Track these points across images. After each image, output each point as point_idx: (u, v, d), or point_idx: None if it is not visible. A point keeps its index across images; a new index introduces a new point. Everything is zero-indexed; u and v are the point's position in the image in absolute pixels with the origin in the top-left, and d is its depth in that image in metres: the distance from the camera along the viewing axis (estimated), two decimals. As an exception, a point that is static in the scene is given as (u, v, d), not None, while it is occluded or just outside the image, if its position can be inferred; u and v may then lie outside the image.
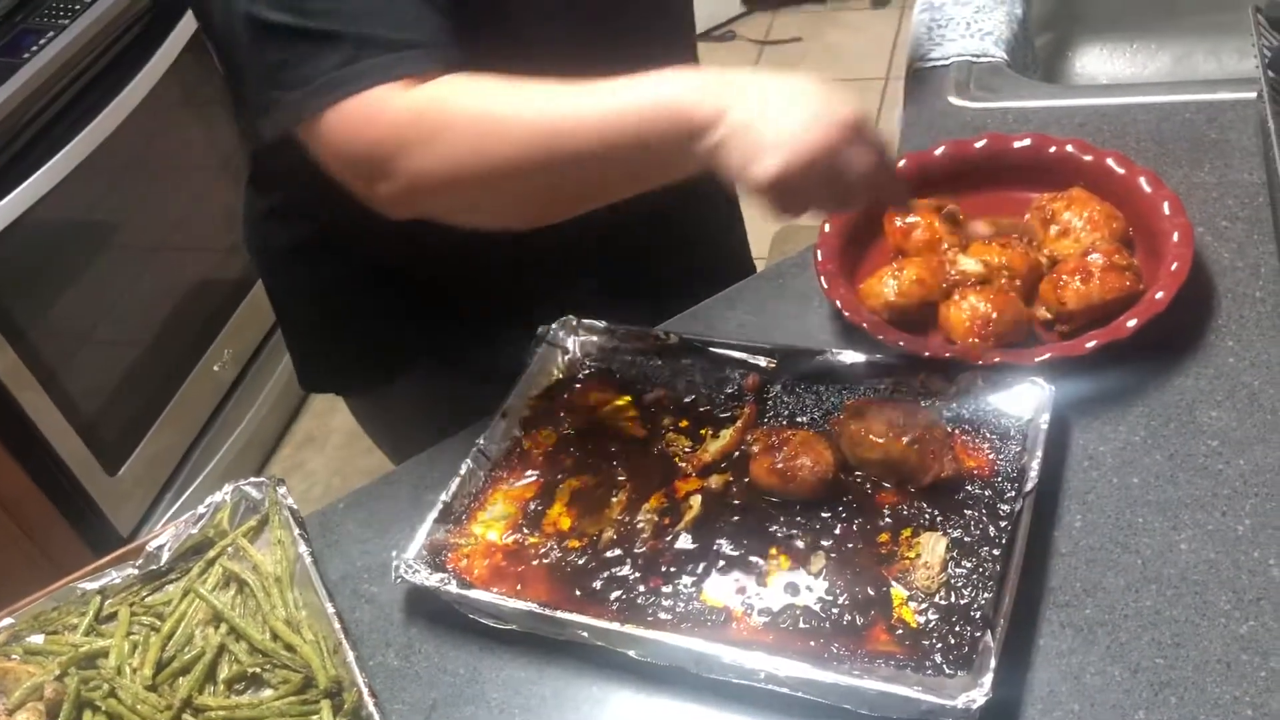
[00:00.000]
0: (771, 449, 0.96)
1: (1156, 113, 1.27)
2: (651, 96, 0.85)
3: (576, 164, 0.88)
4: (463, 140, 0.88)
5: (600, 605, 0.91)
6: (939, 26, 1.47)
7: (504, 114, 0.88)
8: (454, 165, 0.89)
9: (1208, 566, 0.87)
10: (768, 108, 0.82)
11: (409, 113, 0.88)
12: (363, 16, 0.90)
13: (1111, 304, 1.01)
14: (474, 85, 0.90)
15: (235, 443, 2.49)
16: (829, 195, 0.86)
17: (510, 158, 0.88)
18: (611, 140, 0.86)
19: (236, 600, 0.98)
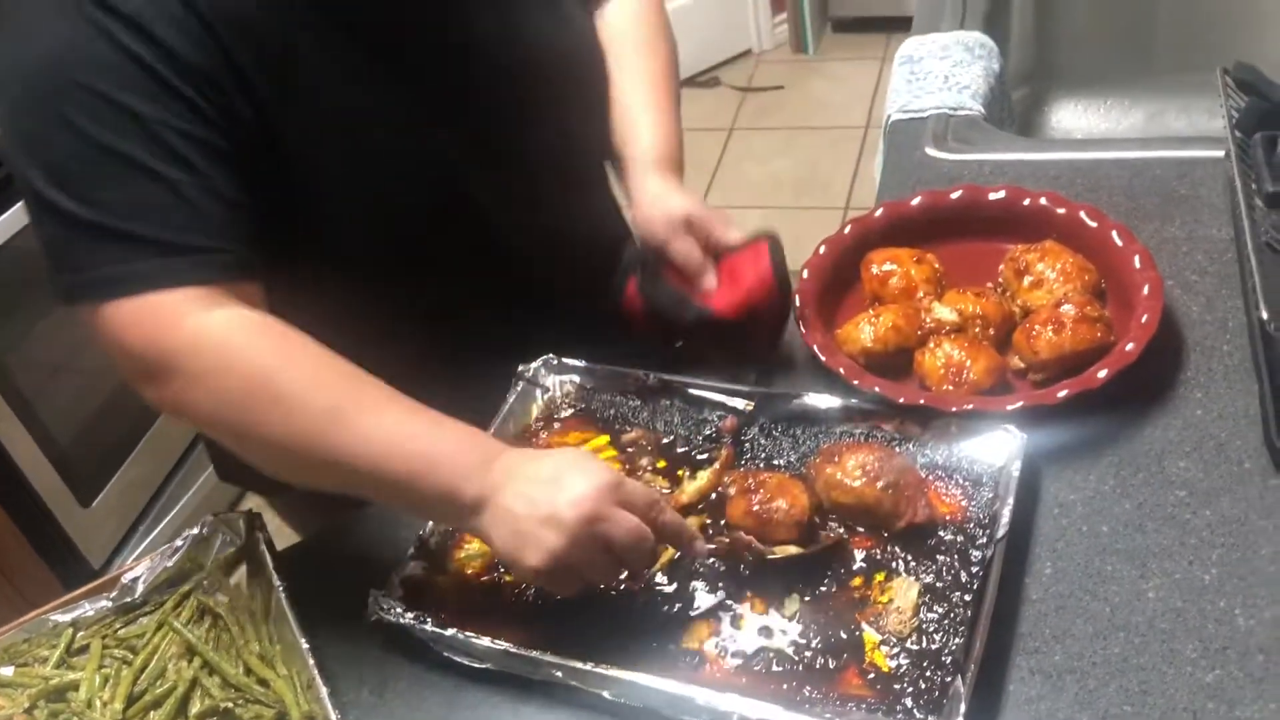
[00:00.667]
0: (748, 491, 0.97)
1: (1129, 168, 1.30)
2: (435, 448, 0.87)
3: (338, 470, 0.87)
4: (233, 394, 0.86)
5: (575, 646, 0.91)
6: (917, 79, 1.50)
7: (291, 389, 0.86)
8: (216, 413, 0.88)
9: (1175, 615, 0.88)
10: (535, 489, 0.84)
11: (189, 341, 0.86)
12: (145, 214, 0.86)
13: (1083, 354, 1.03)
14: (271, 341, 0.88)
15: (210, 478, 2.48)
16: (597, 569, 0.86)
17: (274, 432, 0.87)
18: (386, 470, 0.86)
19: (210, 634, 0.98)
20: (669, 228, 1.07)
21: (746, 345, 1.11)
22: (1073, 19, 1.72)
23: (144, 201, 0.86)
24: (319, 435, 0.86)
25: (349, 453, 0.86)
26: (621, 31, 1.19)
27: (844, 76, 3.76)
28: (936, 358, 1.04)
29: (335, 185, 0.97)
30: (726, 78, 3.86)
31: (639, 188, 1.11)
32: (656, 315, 1.08)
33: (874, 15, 3.80)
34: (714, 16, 3.80)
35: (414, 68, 1.00)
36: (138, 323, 0.86)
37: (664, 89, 1.18)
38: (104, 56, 0.85)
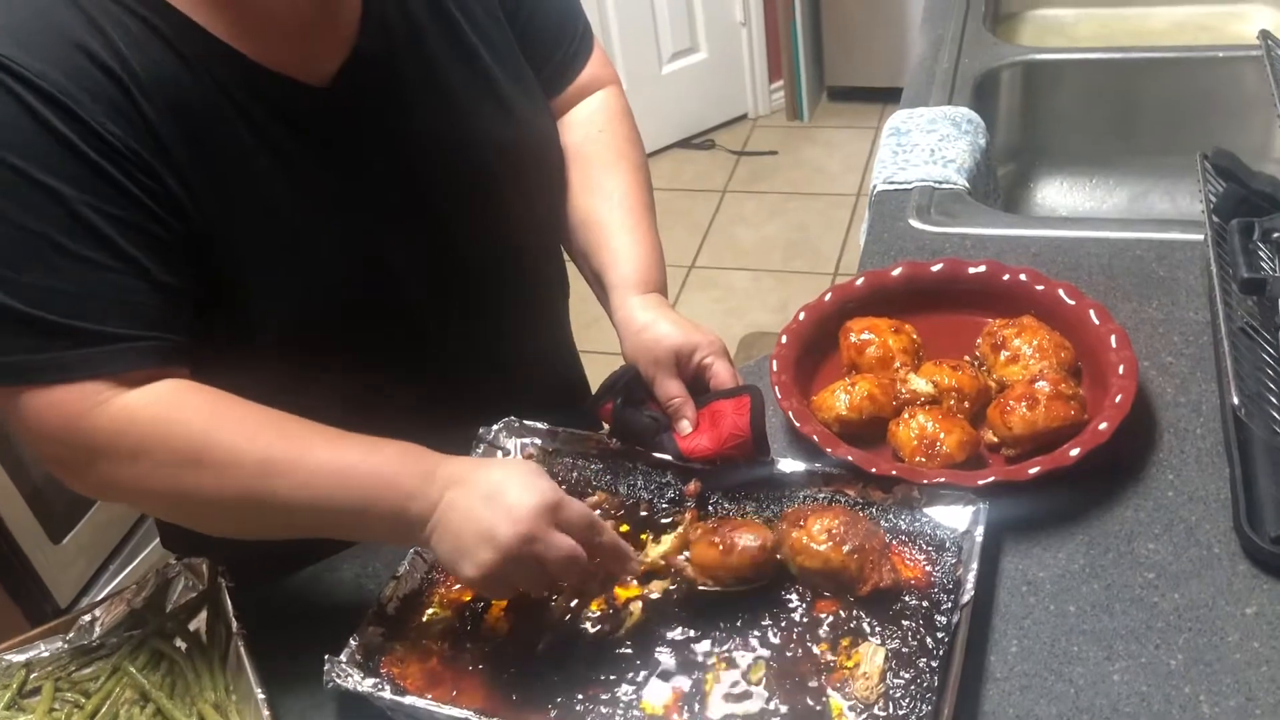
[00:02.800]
0: (712, 530, 0.97)
1: (1109, 247, 1.31)
2: (375, 472, 0.87)
3: (287, 511, 0.87)
4: (166, 464, 0.85)
5: (538, 713, 0.90)
6: (904, 151, 1.52)
7: (222, 447, 0.86)
8: (149, 486, 0.87)
9: (1139, 699, 0.87)
10: (473, 504, 0.86)
11: (111, 426, 0.85)
12: (63, 301, 0.83)
13: (1056, 431, 1.03)
14: (198, 403, 0.87)
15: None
16: (531, 582, 0.88)
17: (214, 492, 0.86)
18: (327, 502, 0.87)
19: (166, 680, 0.96)
20: (656, 365, 1.05)
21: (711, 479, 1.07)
22: (1060, 99, 1.74)
23: (62, 288, 0.83)
24: (256, 489, 0.86)
25: (289, 500, 0.87)
26: (591, 146, 1.17)
27: (838, 144, 3.81)
28: (910, 429, 1.04)
29: (262, 272, 0.94)
30: (721, 140, 3.90)
31: (626, 317, 1.07)
32: (627, 436, 1.08)
33: (869, 86, 3.85)
34: (711, 80, 3.85)
35: (351, 161, 0.97)
36: (55, 411, 0.85)
37: (640, 206, 1.15)
38: (27, 134, 0.82)
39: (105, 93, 0.84)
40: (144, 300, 0.86)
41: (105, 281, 0.85)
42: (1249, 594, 0.93)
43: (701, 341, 1.07)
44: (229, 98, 0.90)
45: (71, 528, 2.20)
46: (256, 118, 0.92)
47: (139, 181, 0.85)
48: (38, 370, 0.84)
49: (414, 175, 1.01)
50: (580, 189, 1.16)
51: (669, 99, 3.75)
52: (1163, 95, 1.74)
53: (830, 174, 3.66)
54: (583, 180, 1.16)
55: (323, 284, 0.97)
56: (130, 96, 0.85)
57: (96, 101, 0.84)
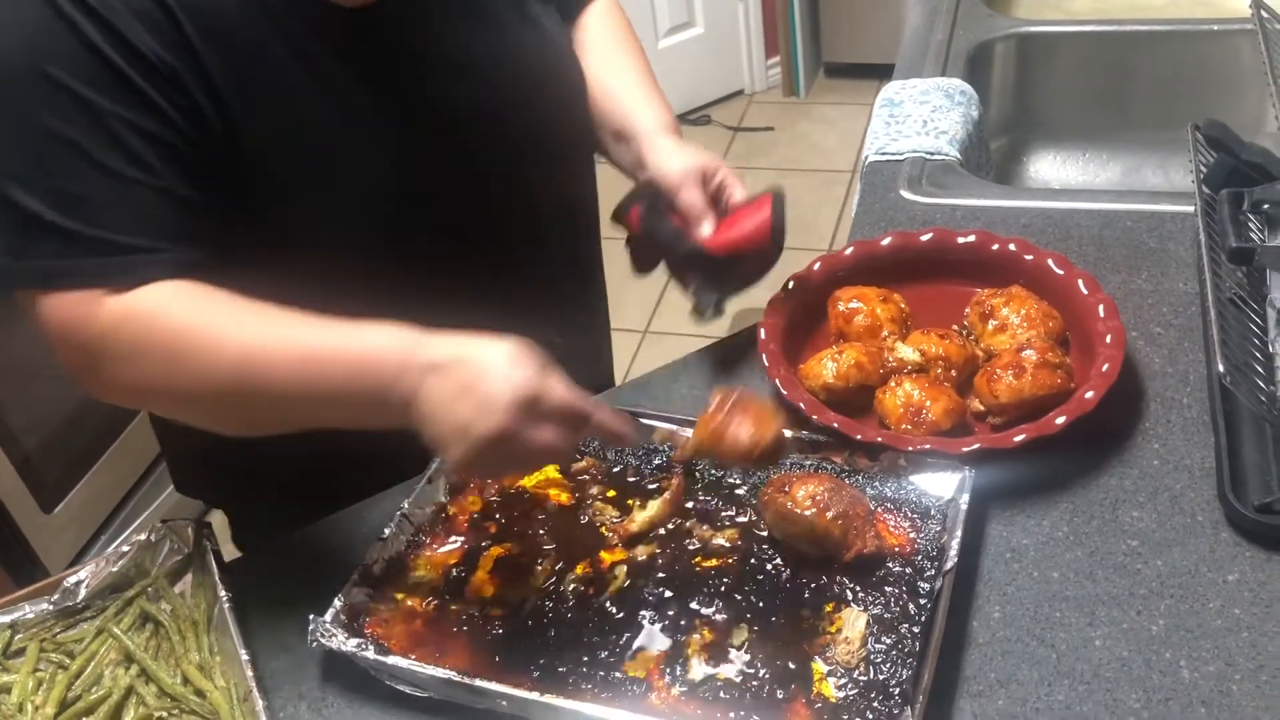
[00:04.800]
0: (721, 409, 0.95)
1: (1100, 219, 1.31)
2: (356, 357, 0.87)
3: (272, 399, 0.88)
4: (158, 360, 0.88)
5: (520, 675, 0.90)
6: (897, 122, 1.51)
7: (205, 339, 0.87)
8: (148, 383, 0.89)
9: (1120, 664, 0.87)
10: (453, 392, 0.83)
11: (109, 324, 0.87)
12: (90, 209, 0.86)
13: (1042, 400, 1.03)
14: (186, 301, 0.88)
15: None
16: (514, 465, 0.91)
17: (203, 383, 0.88)
18: (311, 388, 0.87)
19: (151, 642, 0.96)
20: (682, 176, 1.10)
21: (726, 281, 1.13)
22: (1054, 71, 1.73)
23: (88, 196, 0.86)
24: (241, 379, 0.87)
25: (273, 388, 0.87)
26: (602, 35, 1.24)
27: (833, 120, 3.79)
28: (897, 397, 1.04)
29: (300, 190, 0.96)
30: (718, 116, 3.89)
31: (653, 149, 1.13)
32: (652, 243, 1.12)
33: (865, 62, 3.83)
34: (708, 56, 3.83)
35: (389, 80, 0.99)
36: (72, 317, 0.88)
37: (651, 80, 1.22)
38: (69, 48, 0.85)
39: (146, 9, 0.86)
40: (167, 214, 0.89)
41: (130, 194, 0.87)
42: (1231, 561, 0.93)
43: (722, 165, 1.14)
44: (270, 18, 0.92)
45: (63, 497, 2.20)
46: (297, 38, 0.93)
47: (173, 99, 0.88)
48: (57, 276, 0.87)
49: (451, 95, 1.03)
50: (595, 66, 1.19)
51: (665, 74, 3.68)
52: (1157, 68, 1.73)
53: (826, 150, 3.65)
54: (597, 60, 1.20)
55: (360, 201, 1.00)
56: (170, 14, 0.87)
57: (137, 17, 0.86)
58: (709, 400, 0.95)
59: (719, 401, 0.95)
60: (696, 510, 1.03)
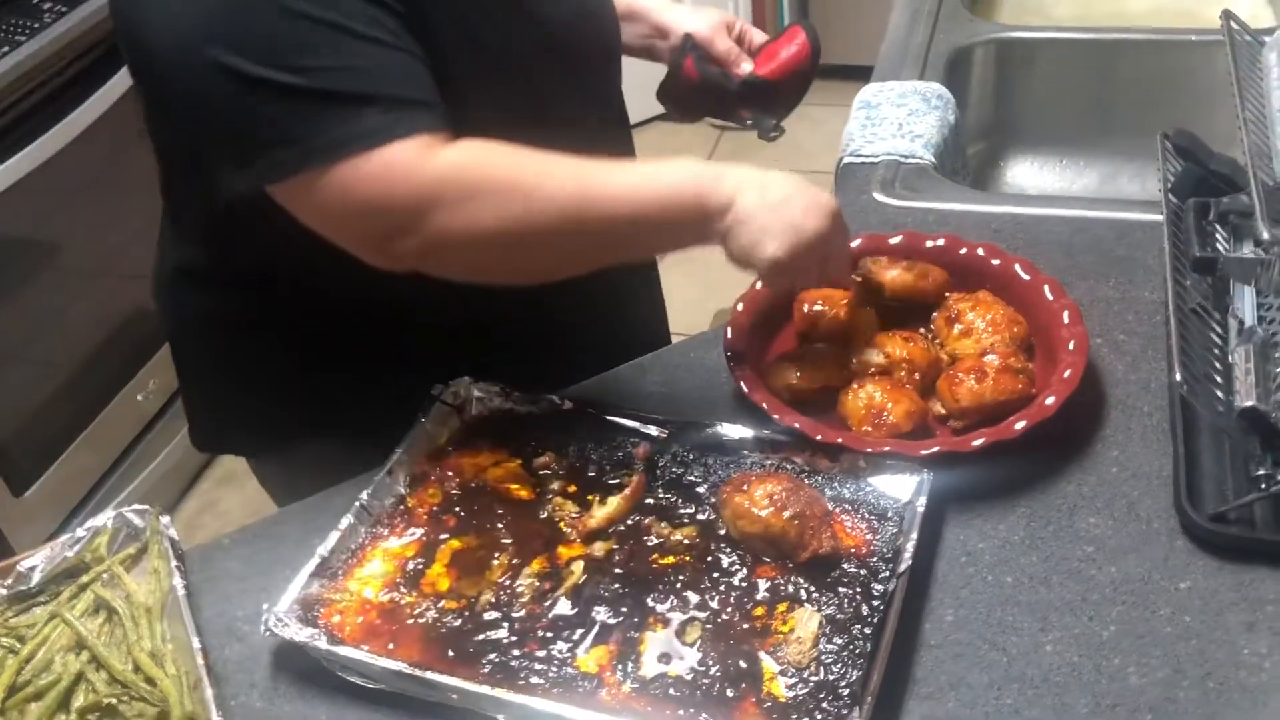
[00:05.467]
0: None
1: (1070, 225, 1.31)
2: (673, 179, 0.97)
3: (604, 231, 0.97)
4: (500, 201, 0.93)
5: (472, 668, 0.90)
6: (873, 124, 1.51)
7: (538, 179, 0.94)
8: (487, 225, 0.93)
9: (1070, 669, 0.88)
10: (769, 199, 0.96)
11: (447, 170, 0.92)
12: (364, 74, 0.90)
13: (1003, 404, 1.03)
14: (503, 149, 0.95)
15: (151, 474, 2.45)
16: (818, 274, 1.04)
17: (545, 221, 0.94)
18: (638, 212, 0.96)
19: (104, 628, 0.96)
20: (713, 29, 1.26)
21: (778, 104, 1.28)
22: (1032, 78, 1.74)
23: (359, 64, 0.90)
24: (576, 205, 0.94)
25: (604, 211, 0.95)
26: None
27: (821, 121, 3.77)
28: (859, 398, 1.04)
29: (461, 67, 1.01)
30: (706, 115, 3.88)
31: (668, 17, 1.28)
32: (707, 86, 1.26)
33: (855, 64, 3.81)
34: (697, 53, 3.83)
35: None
36: (380, 175, 0.90)
37: None
38: None
39: None
40: (422, 72, 0.95)
41: (391, 57, 0.92)
42: (1184, 569, 0.93)
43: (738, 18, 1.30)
44: None
45: (34, 481, 2.19)
46: None
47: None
48: (357, 139, 0.89)
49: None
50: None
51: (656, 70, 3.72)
52: (1135, 77, 1.74)
53: (809, 152, 3.64)
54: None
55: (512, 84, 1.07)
56: None
57: None
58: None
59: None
60: (656, 507, 1.02)
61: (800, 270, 1.01)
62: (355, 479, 1.07)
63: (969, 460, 1.00)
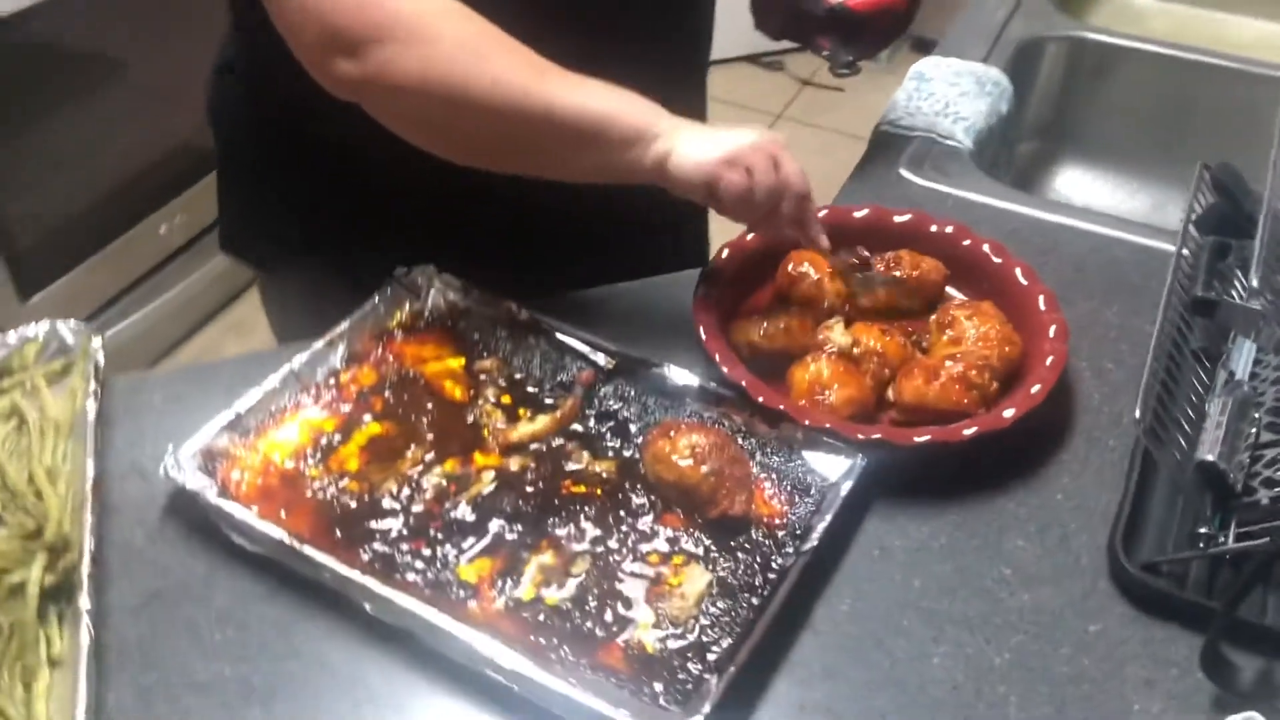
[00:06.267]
0: None
1: (1089, 241, 1.25)
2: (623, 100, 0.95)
3: (544, 123, 0.93)
4: (450, 56, 0.92)
5: (353, 552, 0.88)
6: (920, 97, 1.45)
7: (496, 51, 0.93)
8: (429, 77, 0.92)
9: (950, 687, 0.84)
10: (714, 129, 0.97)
11: (407, 14, 0.91)
12: None
13: (945, 413, 0.98)
14: (473, 17, 0.93)
15: (159, 309, 2.47)
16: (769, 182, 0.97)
17: (489, 94, 0.92)
18: (581, 118, 0.94)
19: (11, 436, 0.96)
20: None
21: (861, 41, 1.22)
22: (1104, 85, 1.65)
23: None
24: (530, 86, 0.93)
25: (555, 103, 0.93)
26: None
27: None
28: (807, 371, 1.00)
29: None
30: (792, 66, 3.79)
31: None
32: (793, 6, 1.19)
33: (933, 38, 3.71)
34: (796, 1, 3.73)
35: None
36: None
37: None
38: None
39: None
40: None
41: None
42: (1098, 612, 0.89)
43: None
44: None
45: (41, 289, 2.21)
46: None
47: None
48: None
49: None
50: None
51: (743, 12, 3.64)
52: (1216, 107, 1.64)
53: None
54: None
55: None
56: None
57: None
58: None
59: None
60: (583, 435, 1.00)
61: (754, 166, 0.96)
62: (292, 344, 1.05)
63: (911, 457, 0.96)
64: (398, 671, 0.84)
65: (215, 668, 0.84)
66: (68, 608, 0.82)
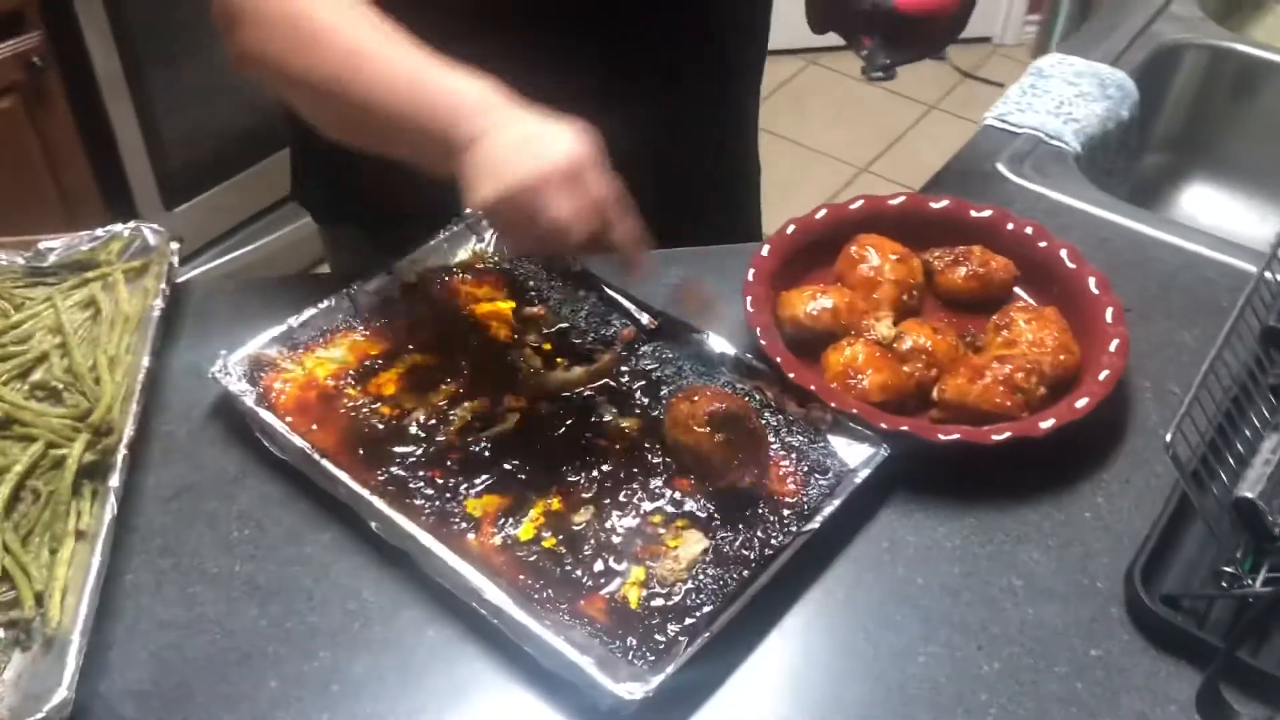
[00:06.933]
0: None
1: (1181, 258, 1.19)
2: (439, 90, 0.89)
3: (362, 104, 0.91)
4: (281, 38, 0.92)
5: (370, 472, 0.92)
6: (1034, 94, 1.40)
7: (322, 31, 0.91)
8: (270, 58, 0.93)
9: (931, 688, 0.83)
10: (508, 143, 0.87)
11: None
12: None
13: (985, 415, 0.96)
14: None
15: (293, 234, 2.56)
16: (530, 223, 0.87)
17: (314, 74, 0.92)
18: (396, 101, 0.90)
19: (85, 324, 1.02)
20: None
21: (904, 45, 1.12)
22: (1246, 102, 1.55)
23: None
24: (341, 75, 0.91)
25: (364, 93, 0.91)
26: None
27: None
28: (842, 354, 0.99)
29: None
30: (954, 56, 3.68)
31: None
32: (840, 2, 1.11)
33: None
34: (965, -9, 3.61)
35: None
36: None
37: None
38: None
39: None
40: None
41: None
42: (1103, 637, 0.86)
43: None
44: None
45: (185, 201, 2.34)
46: None
47: None
48: None
49: None
50: None
51: None
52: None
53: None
54: None
55: None
56: None
57: None
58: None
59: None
60: (614, 390, 1.01)
61: (515, 222, 0.89)
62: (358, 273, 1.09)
63: (938, 455, 0.94)
64: (391, 589, 0.87)
65: (226, 562, 0.89)
66: (101, 486, 0.88)
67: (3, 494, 0.86)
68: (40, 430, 0.91)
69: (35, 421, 0.92)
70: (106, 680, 0.81)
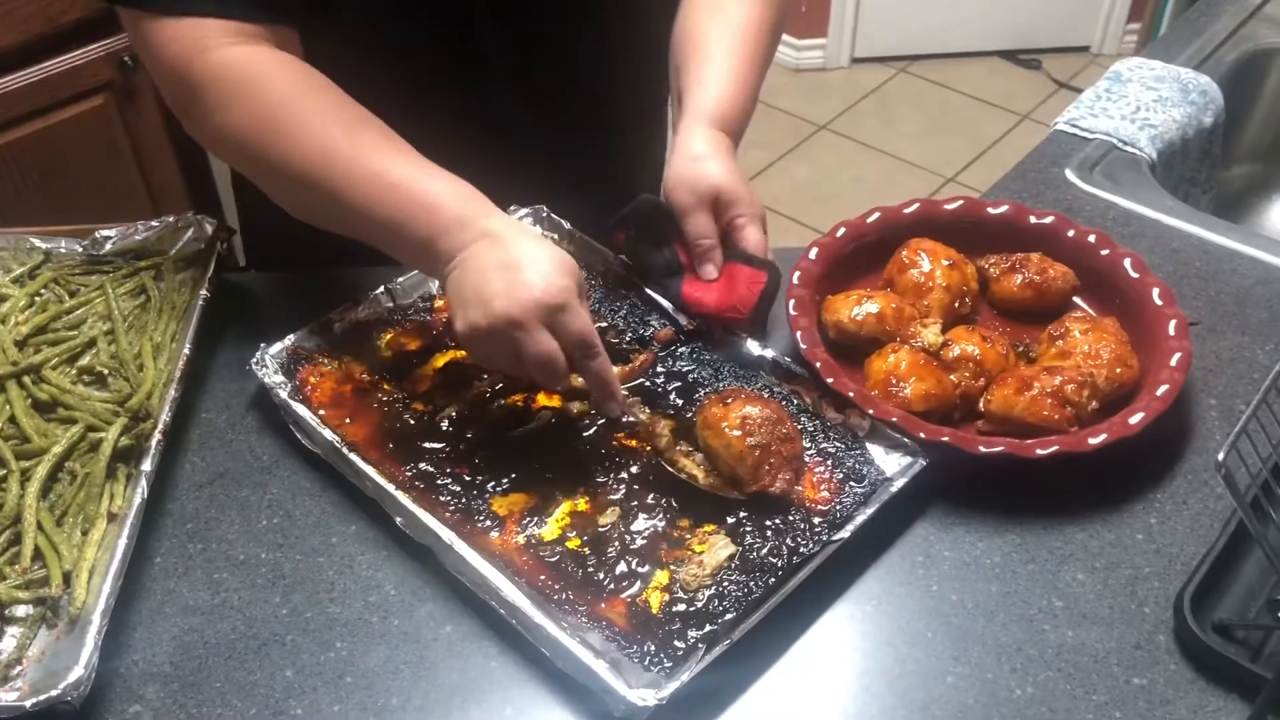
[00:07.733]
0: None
1: (1260, 271, 1.13)
2: (422, 194, 0.88)
3: (336, 200, 0.89)
4: (247, 121, 0.90)
5: (398, 467, 0.92)
6: (1109, 99, 1.34)
7: (296, 121, 0.89)
8: (234, 139, 0.91)
9: (959, 710, 0.79)
10: (488, 266, 0.85)
11: (215, 69, 0.89)
12: None
13: (1033, 428, 0.92)
14: (288, 75, 0.91)
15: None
16: (504, 363, 0.88)
17: (282, 163, 0.90)
18: (372, 206, 0.88)
19: (135, 311, 1.04)
20: (695, 199, 1.00)
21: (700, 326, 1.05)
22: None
23: None
24: (316, 170, 0.89)
25: (339, 193, 0.89)
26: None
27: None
28: (885, 361, 0.96)
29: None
30: (1049, 66, 3.59)
31: (684, 142, 1.01)
32: (636, 269, 1.07)
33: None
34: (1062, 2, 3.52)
35: None
36: (172, 43, 0.91)
37: (752, 43, 1.07)
38: None
39: None
40: None
41: None
42: (1148, 666, 0.81)
43: (744, 197, 1.02)
44: None
45: (267, 198, 2.38)
46: None
47: None
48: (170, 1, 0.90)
49: None
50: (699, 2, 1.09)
51: (1008, 6, 3.48)
52: None
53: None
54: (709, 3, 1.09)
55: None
56: None
57: None
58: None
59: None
60: (649, 390, 0.99)
61: (487, 355, 0.89)
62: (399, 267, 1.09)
63: (983, 467, 0.90)
64: (412, 584, 0.87)
65: (254, 550, 0.89)
66: (135, 469, 0.89)
67: (40, 474, 0.87)
68: (82, 414, 0.93)
69: (78, 405, 0.93)
70: (128, 660, 0.82)
